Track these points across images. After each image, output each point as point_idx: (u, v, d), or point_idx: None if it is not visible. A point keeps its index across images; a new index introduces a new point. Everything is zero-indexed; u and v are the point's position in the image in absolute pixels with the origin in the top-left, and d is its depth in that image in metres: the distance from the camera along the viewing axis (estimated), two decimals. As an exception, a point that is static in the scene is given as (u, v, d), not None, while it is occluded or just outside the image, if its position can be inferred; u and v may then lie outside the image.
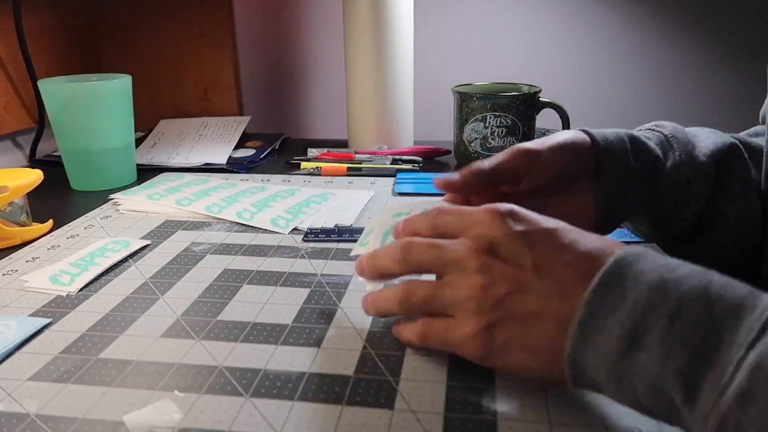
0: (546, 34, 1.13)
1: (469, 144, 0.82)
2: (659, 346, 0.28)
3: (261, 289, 0.51)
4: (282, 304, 0.48)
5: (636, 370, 0.29)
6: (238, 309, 0.47)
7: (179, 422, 0.35)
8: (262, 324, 0.45)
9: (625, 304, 0.30)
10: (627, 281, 0.31)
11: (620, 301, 0.30)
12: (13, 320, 0.45)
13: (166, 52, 1.07)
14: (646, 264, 0.31)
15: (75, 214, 0.69)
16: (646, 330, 0.29)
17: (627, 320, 0.30)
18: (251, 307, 0.48)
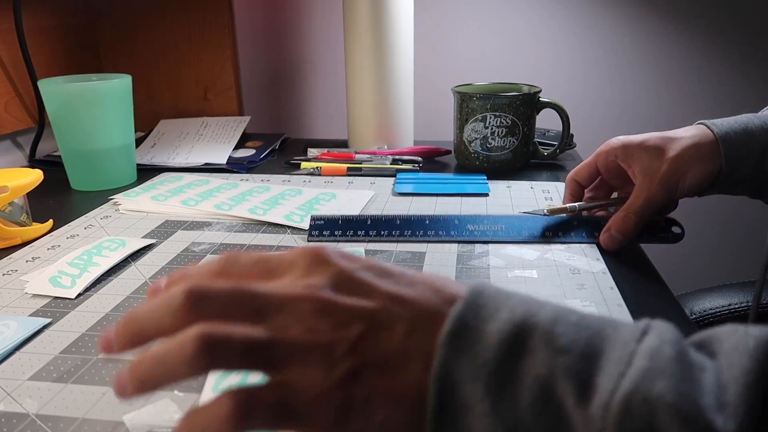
0: (546, 34, 1.13)
1: (469, 144, 0.82)
2: (545, 348, 0.26)
3: (261, 289, 0.51)
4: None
5: (521, 376, 0.25)
6: (238, 309, 0.47)
7: (179, 422, 0.35)
8: (262, 324, 0.45)
9: (500, 313, 0.27)
10: (498, 297, 0.28)
11: (495, 311, 0.27)
12: (13, 320, 0.45)
13: (166, 52, 1.07)
14: (509, 290, 0.29)
15: (75, 214, 0.69)
16: (528, 335, 0.26)
17: (506, 326, 0.26)
18: (251, 307, 0.48)
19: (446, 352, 0.26)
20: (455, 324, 0.27)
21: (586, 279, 0.51)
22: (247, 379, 0.37)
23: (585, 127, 1.12)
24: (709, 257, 1.20)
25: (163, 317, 0.28)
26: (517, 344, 0.26)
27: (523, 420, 0.25)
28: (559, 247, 0.58)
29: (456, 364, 0.26)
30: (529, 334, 0.26)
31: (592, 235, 0.58)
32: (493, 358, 0.26)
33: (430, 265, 0.54)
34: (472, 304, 0.28)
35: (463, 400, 0.26)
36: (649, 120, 1.15)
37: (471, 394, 0.26)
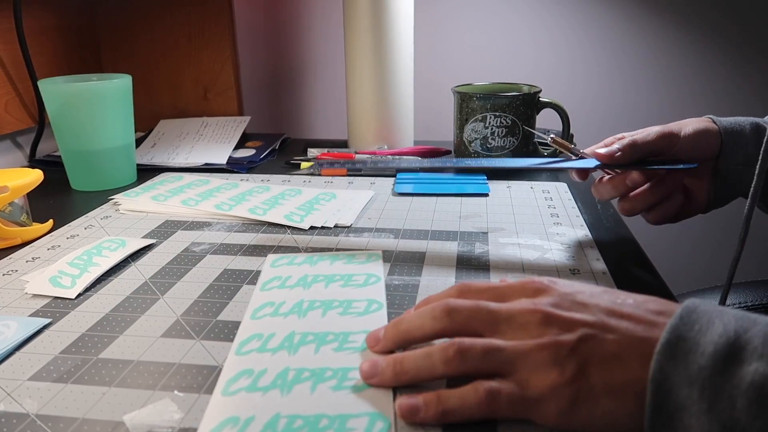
0: (546, 34, 1.13)
1: (469, 144, 0.82)
2: (760, 358, 0.28)
3: (261, 289, 0.51)
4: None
5: (736, 383, 0.28)
6: (238, 309, 0.47)
7: (179, 422, 0.35)
8: (262, 324, 0.45)
9: (714, 327, 0.30)
10: (710, 313, 0.31)
11: (709, 326, 0.30)
12: (13, 320, 0.45)
13: (166, 52, 1.07)
14: (718, 306, 0.32)
15: (75, 214, 0.69)
16: (742, 347, 0.29)
17: (721, 339, 0.30)
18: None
19: (662, 358, 0.30)
20: (671, 335, 0.31)
21: (585, 279, 0.51)
22: (257, 383, 0.37)
23: (585, 127, 1.12)
24: (709, 257, 1.19)
25: (425, 321, 0.36)
26: (731, 355, 0.29)
27: (740, 420, 0.28)
28: (559, 247, 0.58)
29: (672, 370, 0.30)
30: (742, 348, 0.29)
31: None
32: (708, 365, 0.29)
33: (430, 265, 0.54)
34: (685, 318, 0.31)
35: (679, 402, 0.30)
36: (649, 120, 1.15)
37: (687, 396, 0.29)
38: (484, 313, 0.35)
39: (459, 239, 0.60)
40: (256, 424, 0.34)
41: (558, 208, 0.69)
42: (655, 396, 0.30)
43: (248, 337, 0.42)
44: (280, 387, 0.37)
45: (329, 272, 0.52)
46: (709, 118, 0.59)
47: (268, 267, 0.54)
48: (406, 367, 0.35)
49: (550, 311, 0.34)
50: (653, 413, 0.30)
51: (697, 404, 0.29)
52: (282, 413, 0.34)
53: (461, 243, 0.59)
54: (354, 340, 0.41)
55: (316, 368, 0.38)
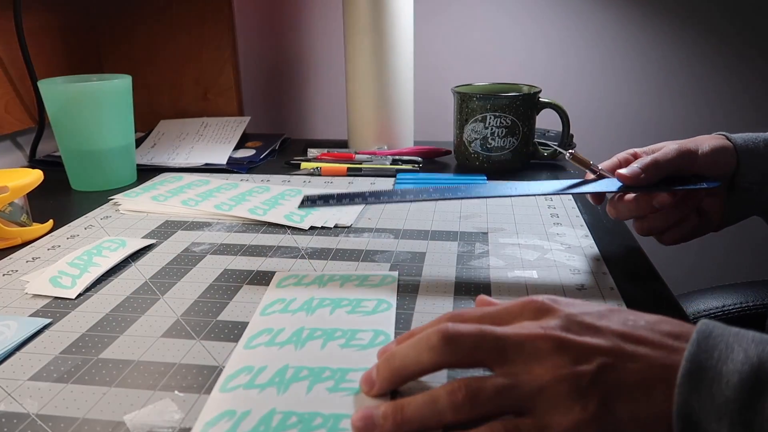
0: (546, 35, 1.13)
1: (469, 144, 0.82)
2: None
3: (261, 289, 0.51)
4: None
5: (766, 414, 0.27)
6: (238, 309, 0.47)
7: (179, 422, 0.35)
8: (262, 324, 0.45)
9: (735, 354, 0.29)
10: (727, 338, 0.30)
11: (729, 352, 0.29)
12: (13, 320, 0.45)
13: (166, 53, 1.07)
14: (734, 327, 0.31)
15: (75, 214, 0.69)
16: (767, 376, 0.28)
17: (744, 367, 0.28)
18: (251, 307, 0.48)
19: (686, 391, 0.28)
20: (691, 364, 0.29)
21: (586, 279, 0.51)
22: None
23: (585, 127, 1.12)
24: (709, 257, 1.20)
25: (422, 354, 0.32)
26: (758, 385, 0.28)
27: None
28: (559, 247, 0.58)
29: (697, 403, 0.28)
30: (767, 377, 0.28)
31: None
32: (735, 398, 0.28)
33: (430, 265, 0.54)
34: (702, 344, 0.29)
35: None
36: (649, 120, 1.15)
37: (715, 430, 0.28)
38: (489, 340, 0.31)
39: (459, 239, 0.60)
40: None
41: (558, 208, 0.69)
42: (684, 430, 0.29)
43: (237, 371, 0.39)
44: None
45: (337, 296, 0.48)
46: (721, 135, 0.58)
47: (273, 286, 0.51)
48: (408, 416, 0.31)
49: (563, 336, 0.31)
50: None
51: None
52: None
53: (461, 243, 0.59)
54: (352, 378, 0.37)
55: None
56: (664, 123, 1.15)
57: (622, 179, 0.55)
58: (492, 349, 0.31)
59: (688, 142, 0.57)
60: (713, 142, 0.56)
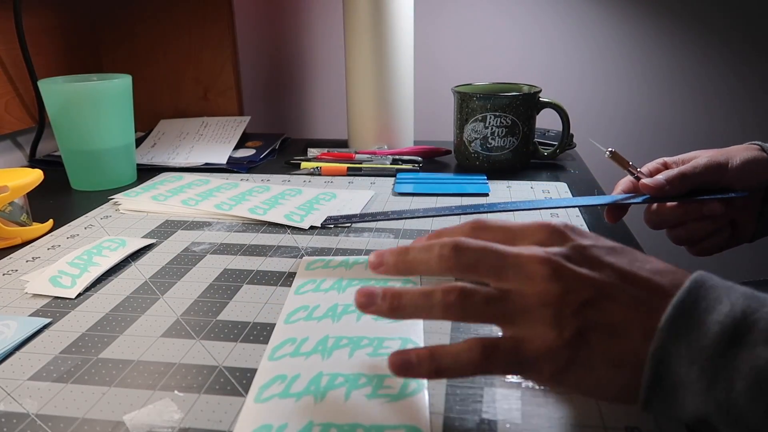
0: (546, 35, 1.13)
1: (469, 144, 0.82)
2: (764, 343, 0.28)
3: (261, 289, 0.51)
4: (282, 304, 0.48)
5: (737, 365, 0.28)
6: (238, 309, 0.47)
7: (179, 422, 0.35)
8: (262, 324, 0.45)
9: (721, 306, 0.29)
10: (718, 289, 0.30)
11: (716, 303, 0.30)
12: (13, 320, 0.45)
13: (166, 52, 1.07)
14: (729, 282, 0.31)
15: (75, 214, 0.69)
16: (748, 329, 0.28)
17: (726, 319, 0.29)
18: (251, 307, 0.48)
19: (666, 335, 0.29)
20: (676, 310, 0.30)
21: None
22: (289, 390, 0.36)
23: (585, 127, 1.12)
24: (710, 257, 1.19)
25: (432, 258, 0.34)
26: (736, 337, 0.28)
27: (737, 403, 0.28)
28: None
29: (674, 347, 0.29)
30: (748, 329, 0.28)
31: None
32: (711, 345, 0.28)
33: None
34: (693, 293, 0.30)
35: (677, 379, 0.29)
36: (649, 120, 1.15)
37: (687, 374, 0.29)
38: (492, 257, 0.33)
39: (459, 239, 0.60)
40: (288, 431, 0.33)
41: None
42: (654, 372, 0.30)
43: (281, 342, 0.42)
44: (313, 393, 0.36)
45: (365, 276, 0.50)
46: (756, 145, 0.57)
47: (302, 269, 0.53)
48: (404, 303, 0.33)
49: (561, 264, 0.32)
50: (650, 388, 0.30)
51: (695, 383, 0.29)
52: (315, 421, 0.33)
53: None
54: (388, 345, 0.40)
55: (350, 374, 0.38)
56: (665, 123, 1.15)
57: (645, 190, 0.55)
58: (492, 266, 0.33)
59: (718, 154, 0.56)
60: (746, 154, 0.56)
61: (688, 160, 0.57)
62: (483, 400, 0.36)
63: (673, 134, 1.14)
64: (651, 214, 0.59)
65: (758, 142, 0.58)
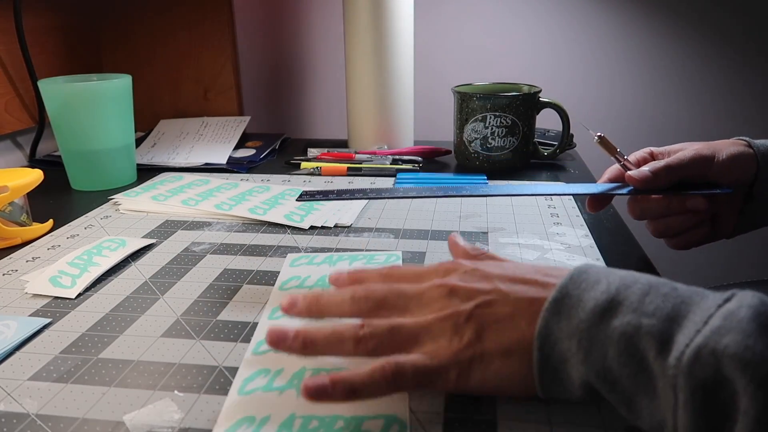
0: (546, 34, 1.13)
1: (469, 144, 0.82)
2: (634, 312, 0.30)
3: (261, 289, 0.51)
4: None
5: (609, 333, 0.31)
6: (238, 309, 0.47)
7: (179, 422, 0.35)
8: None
9: (599, 285, 0.32)
10: (599, 273, 0.34)
11: (595, 284, 0.33)
12: (13, 320, 0.45)
13: (166, 52, 1.07)
14: (609, 268, 0.35)
15: (75, 214, 0.69)
16: (620, 302, 0.31)
17: (602, 295, 0.32)
18: (251, 307, 0.48)
19: (549, 315, 0.33)
20: (558, 293, 0.33)
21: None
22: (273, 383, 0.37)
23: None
24: (710, 257, 1.19)
25: (345, 302, 0.37)
26: (609, 309, 0.31)
27: (611, 368, 0.30)
28: (559, 247, 0.58)
29: (556, 325, 0.32)
30: (620, 303, 0.31)
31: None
32: (586, 319, 0.31)
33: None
34: (575, 278, 0.34)
35: (561, 354, 0.32)
36: (649, 120, 1.15)
37: (567, 348, 0.32)
38: (396, 295, 0.37)
39: (459, 239, 0.60)
40: (271, 424, 0.34)
41: (558, 207, 0.69)
42: (541, 351, 0.33)
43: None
44: (296, 387, 0.37)
45: None
46: (743, 141, 0.57)
47: (287, 266, 0.54)
48: (316, 340, 0.35)
49: (454, 284, 0.36)
50: (540, 367, 0.33)
51: (575, 355, 0.31)
52: (297, 414, 0.34)
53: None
54: None
55: (333, 369, 0.38)
56: (665, 122, 1.15)
57: (631, 182, 0.55)
58: (397, 302, 0.37)
59: (705, 147, 0.56)
60: (732, 149, 0.55)
61: (674, 152, 0.57)
62: (483, 400, 0.36)
63: (674, 134, 1.14)
64: (634, 204, 0.59)
65: (745, 137, 0.57)
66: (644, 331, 0.30)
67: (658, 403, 0.29)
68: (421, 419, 0.35)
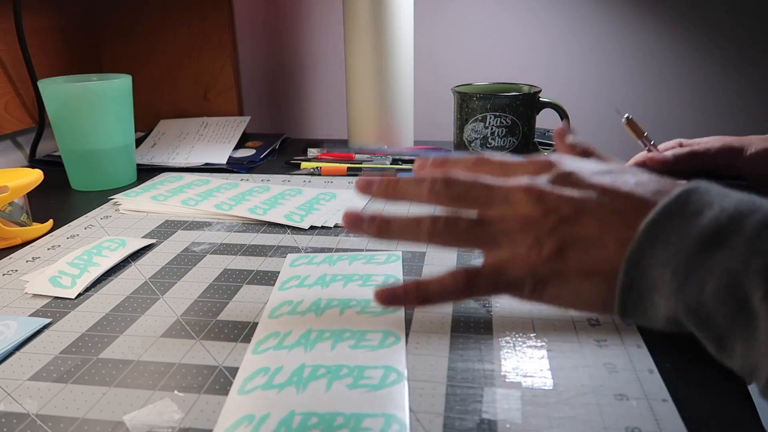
0: (546, 34, 1.13)
1: (469, 144, 0.82)
2: (745, 245, 0.27)
3: (261, 289, 0.51)
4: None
5: (711, 266, 0.27)
6: (238, 309, 0.47)
7: (179, 422, 0.35)
8: (262, 324, 0.45)
9: (709, 210, 0.28)
10: (712, 193, 0.30)
11: (704, 207, 0.29)
12: (13, 320, 0.45)
13: (166, 52, 1.07)
14: (725, 189, 0.30)
15: (75, 214, 0.69)
16: (731, 232, 0.27)
17: (710, 223, 0.28)
18: (251, 307, 0.48)
19: (643, 238, 0.29)
20: (659, 214, 0.29)
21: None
22: (272, 381, 0.37)
23: (585, 127, 1.12)
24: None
25: (423, 191, 0.35)
26: (716, 240, 0.27)
27: (705, 304, 0.27)
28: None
29: (650, 250, 0.29)
30: (730, 233, 0.27)
31: None
32: (687, 248, 0.28)
33: (429, 265, 0.54)
34: (681, 198, 0.30)
35: (651, 282, 0.29)
36: (649, 120, 1.15)
37: (660, 277, 0.29)
38: (480, 189, 0.34)
39: (459, 239, 0.60)
40: (270, 421, 0.34)
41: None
42: (628, 275, 0.30)
43: (265, 336, 0.42)
44: (295, 384, 0.37)
45: (348, 272, 0.51)
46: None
47: (287, 266, 0.54)
48: (392, 227, 0.35)
49: (543, 189, 0.33)
50: (623, 292, 0.30)
51: (667, 285, 0.29)
52: (297, 411, 0.34)
53: None
54: (370, 338, 0.41)
55: (332, 365, 0.38)
56: (665, 122, 1.14)
57: (651, 164, 0.54)
58: (480, 196, 0.34)
59: (735, 140, 0.55)
60: (764, 144, 0.55)
61: (704, 143, 0.57)
62: (483, 400, 0.36)
63: (674, 134, 1.14)
64: None
65: None
66: (753, 269, 0.26)
67: (756, 346, 0.26)
68: (421, 419, 0.35)
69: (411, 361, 0.40)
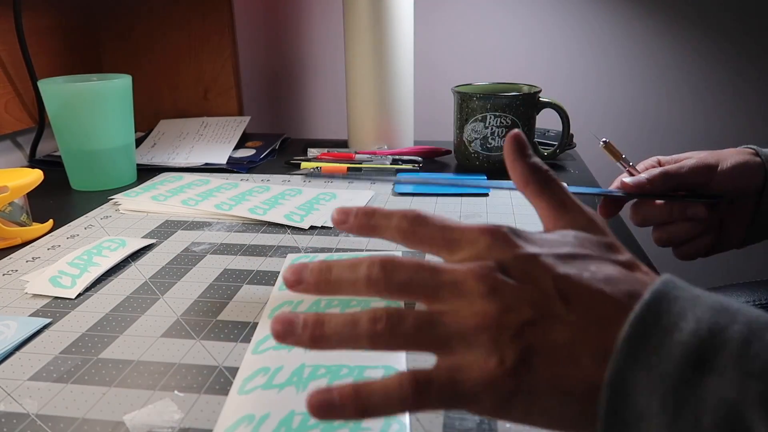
0: (546, 35, 1.13)
1: (469, 144, 0.82)
2: (735, 368, 0.24)
3: (261, 289, 0.51)
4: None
5: (704, 396, 0.24)
6: (238, 309, 0.47)
7: (179, 422, 0.35)
8: (262, 324, 0.45)
9: (685, 322, 0.26)
10: (683, 301, 0.26)
11: (679, 320, 0.26)
12: (13, 320, 0.45)
13: (166, 52, 1.07)
14: (697, 290, 0.27)
15: (75, 214, 0.69)
16: (716, 350, 0.25)
17: (691, 338, 0.25)
18: (251, 307, 0.48)
19: (622, 359, 0.26)
20: (634, 329, 0.26)
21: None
22: (272, 381, 0.37)
23: (585, 127, 1.12)
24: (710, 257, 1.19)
25: (360, 280, 0.29)
26: (702, 361, 0.25)
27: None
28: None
29: (632, 374, 0.25)
30: (716, 352, 0.25)
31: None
32: (673, 373, 0.25)
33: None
34: (653, 307, 0.26)
35: (637, 410, 0.25)
36: (649, 120, 1.15)
37: (647, 405, 0.25)
38: (425, 275, 0.29)
39: (459, 239, 0.60)
40: (270, 421, 0.34)
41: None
42: (612, 402, 0.26)
43: (265, 336, 0.42)
44: (295, 384, 0.37)
45: None
46: (751, 150, 0.56)
47: (288, 265, 0.53)
48: (327, 334, 0.29)
49: (499, 279, 0.28)
50: (608, 421, 0.26)
51: (657, 416, 0.25)
52: (297, 411, 0.34)
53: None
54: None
55: (332, 365, 0.38)
56: (665, 122, 1.15)
57: (625, 188, 0.55)
58: (425, 285, 0.29)
59: (710, 156, 0.55)
60: (737, 158, 0.55)
61: (681, 160, 0.57)
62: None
63: (674, 135, 1.14)
64: (636, 211, 0.58)
65: (753, 145, 0.57)
66: (751, 399, 0.23)
67: None
68: (421, 419, 0.35)
69: (411, 361, 0.40)
